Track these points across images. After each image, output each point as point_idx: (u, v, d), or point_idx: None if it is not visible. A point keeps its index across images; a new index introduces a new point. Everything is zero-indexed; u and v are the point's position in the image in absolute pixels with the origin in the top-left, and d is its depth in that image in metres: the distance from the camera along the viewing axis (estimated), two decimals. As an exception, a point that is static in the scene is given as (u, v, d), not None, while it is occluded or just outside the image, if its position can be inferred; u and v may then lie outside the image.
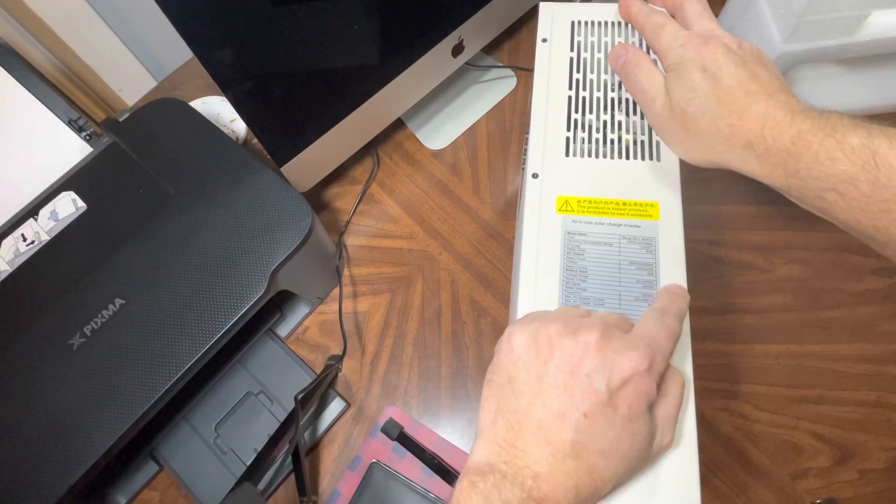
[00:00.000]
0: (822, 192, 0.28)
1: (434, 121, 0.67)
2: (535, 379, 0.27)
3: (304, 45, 0.46)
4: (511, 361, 0.28)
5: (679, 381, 0.29)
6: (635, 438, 0.26)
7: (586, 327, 0.27)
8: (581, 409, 0.25)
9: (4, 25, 0.64)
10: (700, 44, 0.32)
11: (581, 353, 0.27)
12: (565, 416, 0.26)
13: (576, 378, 0.26)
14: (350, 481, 0.49)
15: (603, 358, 0.26)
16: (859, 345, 0.51)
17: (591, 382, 0.26)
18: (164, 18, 0.38)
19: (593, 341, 0.27)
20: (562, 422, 0.25)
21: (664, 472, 0.29)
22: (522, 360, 0.28)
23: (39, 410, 0.41)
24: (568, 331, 0.27)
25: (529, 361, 0.27)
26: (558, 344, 0.27)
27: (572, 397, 0.26)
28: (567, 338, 0.27)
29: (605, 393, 0.26)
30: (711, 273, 0.55)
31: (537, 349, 0.27)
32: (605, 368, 0.26)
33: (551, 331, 0.28)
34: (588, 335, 0.27)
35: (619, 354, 0.26)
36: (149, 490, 0.51)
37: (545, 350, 0.27)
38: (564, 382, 0.26)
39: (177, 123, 0.54)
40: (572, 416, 0.25)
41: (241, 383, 0.53)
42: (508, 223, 0.60)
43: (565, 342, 0.27)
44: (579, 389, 0.26)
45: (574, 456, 0.25)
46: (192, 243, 0.46)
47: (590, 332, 0.27)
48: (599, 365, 0.26)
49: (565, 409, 0.26)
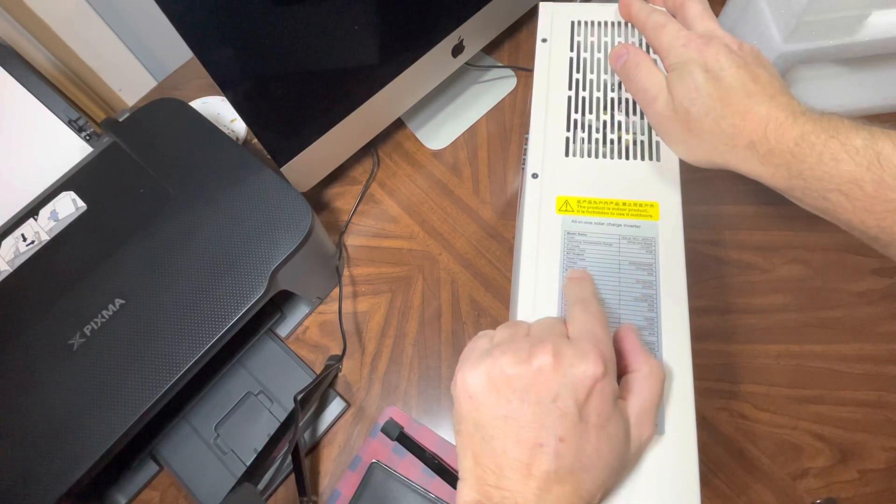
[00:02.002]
0: (826, 193, 0.28)
1: (434, 121, 0.67)
2: (502, 420, 0.26)
3: (304, 45, 0.46)
4: (473, 408, 0.27)
5: (656, 376, 0.28)
6: (612, 442, 0.26)
7: (536, 350, 0.27)
8: (556, 435, 0.25)
9: (4, 25, 0.64)
10: (702, 44, 0.32)
11: (541, 380, 0.26)
12: (543, 446, 0.25)
13: (543, 406, 0.26)
14: (350, 481, 0.49)
15: (562, 377, 0.26)
16: (859, 345, 0.51)
17: (558, 406, 0.26)
18: (164, 18, 0.38)
19: (548, 363, 0.26)
20: (540, 452, 0.25)
21: (664, 472, 0.29)
22: (484, 405, 0.27)
23: (39, 410, 0.41)
24: (520, 360, 0.27)
25: (491, 404, 0.27)
26: (515, 377, 0.27)
27: (544, 426, 0.25)
28: (521, 367, 0.27)
29: (575, 412, 0.26)
30: (711, 273, 0.54)
31: (496, 389, 0.27)
32: (568, 387, 0.26)
33: (504, 364, 0.27)
34: (541, 358, 0.27)
35: (575, 368, 0.26)
36: (149, 490, 0.51)
37: (504, 388, 0.27)
38: (533, 413, 0.26)
39: (177, 123, 0.54)
40: (549, 444, 0.25)
41: (241, 383, 0.53)
42: (508, 223, 0.60)
43: (522, 373, 0.26)
44: (549, 416, 0.26)
45: (559, 482, 0.25)
46: (192, 243, 0.46)
47: (542, 355, 0.27)
48: (561, 386, 0.26)
49: (540, 439, 0.25)
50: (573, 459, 0.25)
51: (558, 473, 0.25)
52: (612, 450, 0.26)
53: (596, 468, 0.26)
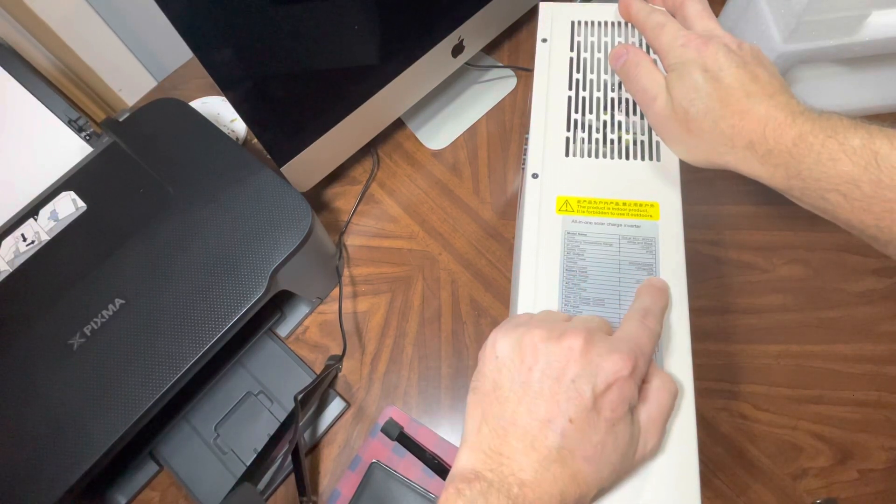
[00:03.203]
0: (825, 193, 0.28)
1: (434, 121, 0.67)
2: (521, 385, 0.27)
3: (303, 45, 0.46)
4: (496, 368, 0.28)
5: (668, 389, 0.28)
6: (618, 442, 0.26)
7: (570, 332, 0.27)
8: (567, 415, 0.25)
9: (4, 25, 0.64)
10: (701, 44, 0.32)
11: (566, 359, 0.26)
12: (551, 422, 0.25)
13: (561, 384, 0.26)
14: (350, 481, 0.49)
15: (588, 363, 0.26)
16: (859, 345, 0.51)
17: (576, 388, 0.26)
18: (164, 18, 0.38)
19: (577, 346, 0.27)
20: (548, 428, 0.25)
21: (664, 472, 0.29)
22: (507, 367, 0.27)
23: (39, 410, 0.41)
24: (552, 336, 0.27)
25: (514, 368, 0.27)
26: (543, 350, 0.27)
27: (558, 403, 0.26)
28: (552, 343, 0.27)
29: (590, 398, 0.26)
30: (711, 273, 0.55)
31: (522, 356, 0.27)
32: (589, 373, 0.26)
33: (535, 337, 0.27)
34: (572, 340, 0.27)
35: (603, 359, 0.26)
36: (149, 490, 0.51)
37: (530, 356, 0.27)
38: (550, 388, 0.26)
39: (177, 123, 0.54)
40: (558, 422, 0.25)
41: (241, 383, 0.53)
42: (508, 223, 0.60)
43: (550, 348, 0.27)
44: (565, 395, 0.26)
45: (560, 462, 0.25)
46: (192, 243, 0.46)
47: (574, 337, 0.27)
48: (584, 370, 0.26)
49: (551, 415, 0.25)
50: (577, 444, 0.25)
51: (560, 453, 0.25)
52: (616, 448, 0.26)
53: (597, 461, 0.25)
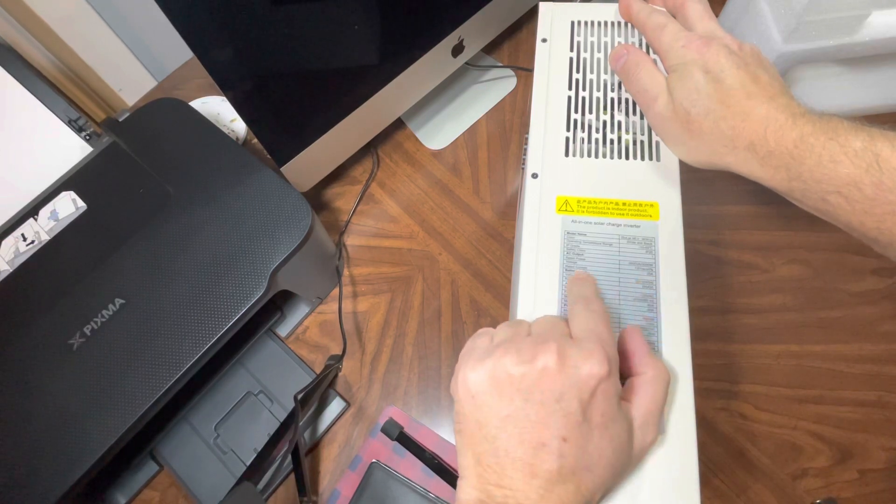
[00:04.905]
0: (826, 195, 0.28)
1: (434, 121, 0.67)
2: (506, 419, 0.26)
3: (303, 45, 0.46)
4: (475, 407, 0.27)
5: (661, 378, 0.28)
6: (614, 442, 0.26)
7: (540, 350, 0.27)
8: (560, 435, 0.25)
9: (4, 25, 0.64)
10: (702, 45, 0.32)
11: (545, 380, 0.26)
12: (546, 446, 0.25)
13: (547, 406, 0.26)
14: (350, 481, 0.49)
15: (567, 377, 0.26)
16: (859, 345, 0.51)
17: (563, 407, 0.26)
18: (164, 18, 0.38)
19: (552, 363, 0.26)
20: (543, 451, 0.25)
21: (664, 473, 0.29)
22: (486, 405, 0.27)
23: (39, 410, 0.41)
24: (523, 359, 0.27)
25: (494, 404, 0.27)
26: (518, 377, 0.26)
27: (548, 426, 0.25)
28: (525, 367, 0.26)
29: (579, 412, 0.26)
30: (711, 273, 0.55)
31: (499, 390, 0.27)
32: (572, 386, 0.26)
33: (507, 364, 0.27)
34: (545, 358, 0.26)
35: (580, 367, 0.26)
36: (149, 490, 0.51)
37: (507, 387, 0.26)
38: (537, 413, 0.26)
39: (177, 123, 0.54)
40: (553, 444, 0.25)
41: (241, 383, 0.53)
42: (508, 223, 0.60)
43: (526, 373, 0.26)
44: (553, 416, 0.25)
45: (562, 481, 0.25)
46: (192, 243, 0.46)
47: (546, 354, 0.26)
48: (566, 385, 0.26)
49: (544, 439, 0.25)
50: (576, 459, 0.25)
51: (561, 473, 0.25)
52: (614, 450, 0.26)
53: (598, 467, 0.26)
